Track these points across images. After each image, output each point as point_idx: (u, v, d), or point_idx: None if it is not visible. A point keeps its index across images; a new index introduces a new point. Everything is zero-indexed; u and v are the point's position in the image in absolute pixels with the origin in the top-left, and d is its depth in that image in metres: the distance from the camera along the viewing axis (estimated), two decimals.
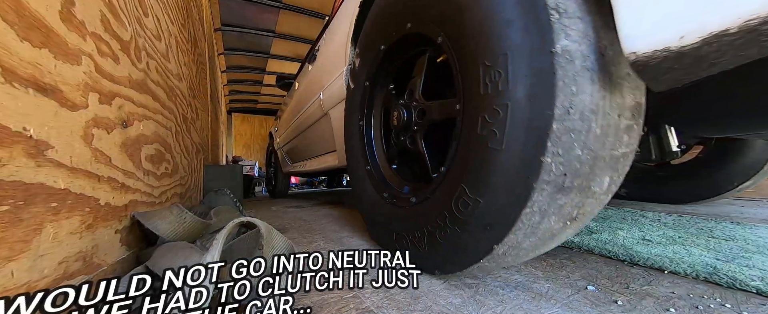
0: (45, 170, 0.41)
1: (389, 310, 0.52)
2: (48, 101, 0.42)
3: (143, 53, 0.82)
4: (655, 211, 1.21)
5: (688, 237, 0.85)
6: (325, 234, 1.20)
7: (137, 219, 0.68)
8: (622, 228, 0.97)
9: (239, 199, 1.74)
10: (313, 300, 0.57)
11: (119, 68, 0.65)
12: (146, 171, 0.80)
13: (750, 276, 0.56)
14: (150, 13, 0.90)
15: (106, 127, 0.58)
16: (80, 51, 0.50)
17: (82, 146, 0.50)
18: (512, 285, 0.61)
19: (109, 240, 0.57)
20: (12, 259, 0.35)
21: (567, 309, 0.50)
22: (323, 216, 1.70)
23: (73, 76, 0.48)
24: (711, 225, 0.96)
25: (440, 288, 0.60)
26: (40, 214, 0.39)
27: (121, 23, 0.67)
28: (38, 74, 0.40)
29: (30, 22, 0.39)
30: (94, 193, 0.53)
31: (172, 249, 0.60)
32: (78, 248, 0.47)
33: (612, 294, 0.55)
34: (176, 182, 1.13)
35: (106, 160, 0.57)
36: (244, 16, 3.54)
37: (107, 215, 0.57)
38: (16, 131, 0.36)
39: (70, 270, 0.45)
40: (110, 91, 0.60)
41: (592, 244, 0.80)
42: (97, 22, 0.57)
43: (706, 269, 0.61)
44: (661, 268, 0.64)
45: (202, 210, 1.02)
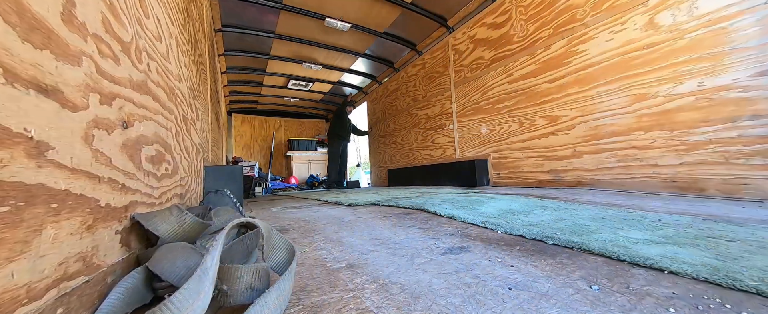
0: (45, 171, 0.41)
1: (389, 310, 0.52)
2: (49, 102, 0.42)
3: (144, 54, 0.82)
4: (656, 211, 1.21)
5: (689, 237, 0.85)
6: (325, 234, 1.20)
7: (137, 220, 0.68)
8: (623, 228, 0.97)
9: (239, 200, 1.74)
10: (313, 300, 0.57)
11: (120, 69, 0.65)
12: (146, 171, 0.80)
13: (750, 276, 0.56)
14: (151, 14, 0.91)
15: (106, 128, 0.58)
16: (81, 52, 0.50)
17: (83, 147, 0.50)
18: (512, 284, 0.61)
19: (109, 241, 0.57)
20: (12, 260, 0.35)
21: (567, 309, 0.50)
22: (323, 216, 1.70)
23: (73, 77, 0.48)
24: (711, 225, 0.96)
25: (440, 288, 0.60)
26: (41, 215, 0.40)
27: (121, 24, 0.68)
28: (39, 75, 0.40)
29: (31, 24, 0.39)
30: (95, 194, 0.53)
31: (173, 251, 0.60)
32: (78, 249, 0.47)
33: (612, 294, 0.55)
34: (176, 183, 1.13)
35: (106, 161, 0.57)
36: (245, 17, 3.55)
37: (107, 216, 0.57)
38: (17, 132, 0.36)
39: (70, 271, 0.45)
40: (111, 91, 0.60)
41: (592, 244, 0.80)
42: (98, 23, 0.57)
43: (706, 269, 0.60)
44: (661, 268, 0.64)
45: (202, 211, 1.02)
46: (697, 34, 1.70)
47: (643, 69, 1.94)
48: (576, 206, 1.41)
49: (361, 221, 1.45)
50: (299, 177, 7.42)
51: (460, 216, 1.31)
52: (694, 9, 1.72)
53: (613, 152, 2.11)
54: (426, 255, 0.83)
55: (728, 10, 1.59)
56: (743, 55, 1.53)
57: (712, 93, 1.65)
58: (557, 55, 2.49)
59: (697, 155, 1.71)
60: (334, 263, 0.81)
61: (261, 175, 6.07)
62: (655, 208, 1.30)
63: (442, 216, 1.40)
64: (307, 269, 0.77)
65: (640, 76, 1.96)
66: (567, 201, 1.58)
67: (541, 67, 2.62)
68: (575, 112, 2.36)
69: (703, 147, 1.69)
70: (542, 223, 1.11)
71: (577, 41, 2.34)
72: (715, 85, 1.63)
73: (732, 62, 1.57)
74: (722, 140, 1.61)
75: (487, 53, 3.21)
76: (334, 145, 5.26)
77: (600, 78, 2.19)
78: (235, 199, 1.44)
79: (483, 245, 0.91)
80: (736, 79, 1.56)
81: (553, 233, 0.95)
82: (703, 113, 1.68)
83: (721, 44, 1.61)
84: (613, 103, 2.11)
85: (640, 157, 1.97)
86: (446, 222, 1.27)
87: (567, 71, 2.41)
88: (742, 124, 1.54)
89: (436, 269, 0.72)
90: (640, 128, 1.97)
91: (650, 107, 1.91)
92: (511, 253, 0.82)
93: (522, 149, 2.83)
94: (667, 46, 1.83)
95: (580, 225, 1.04)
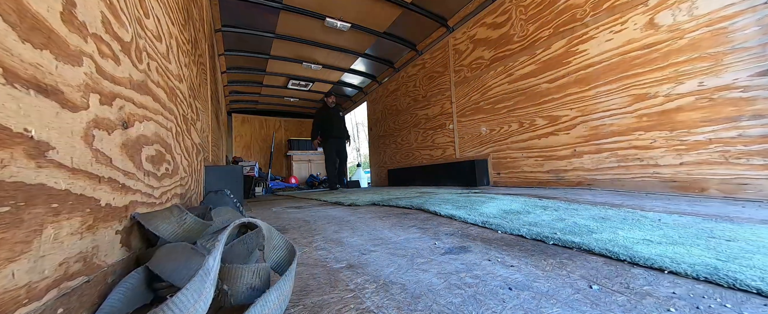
0: (46, 171, 0.41)
1: (389, 310, 0.52)
2: (49, 102, 0.42)
3: (144, 54, 0.82)
4: (656, 211, 1.21)
5: (689, 237, 0.85)
6: (325, 234, 1.20)
7: (138, 220, 0.68)
8: (623, 228, 0.97)
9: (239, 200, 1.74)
10: (313, 300, 0.58)
11: (120, 69, 0.65)
12: (147, 171, 0.80)
13: (751, 276, 0.56)
14: (151, 14, 0.91)
15: (106, 128, 0.58)
16: (81, 52, 0.50)
17: (83, 147, 0.50)
18: (512, 284, 0.61)
19: (109, 241, 0.57)
20: (13, 260, 0.35)
21: (567, 309, 0.50)
22: (323, 216, 1.70)
23: (74, 77, 0.48)
24: (711, 225, 0.96)
25: (441, 288, 0.60)
26: (41, 215, 0.40)
27: (121, 24, 0.68)
28: (39, 75, 0.40)
29: (31, 24, 0.39)
30: (95, 194, 0.53)
31: (173, 251, 0.60)
32: (78, 249, 0.47)
33: (612, 293, 0.55)
34: (176, 183, 1.13)
35: (106, 161, 0.57)
36: (245, 17, 3.55)
37: (108, 216, 0.57)
38: (17, 132, 0.36)
39: (71, 270, 0.45)
40: (111, 91, 0.60)
41: (592, 244, 0.80)
42: (98, 23, 0.57)
43: (706, 269, 0.60)
44: (662, 268, 0.64)
45: (202, 211, 1.02)
46: (697, 34, 1.70)
47: (643, 69, 1.94)
48: (576, 206, 1.41)
49: (361, 221, 1.45)
50: (299, 177, 7.43)
51: (460, 216, 1.31)
52: (694, 9, 1.72)
53: (613, 152, 2.11)
54: (426, 255, 0.83)
55: (728, 10, 1.59)
56: (743, 55, 1.53)
57: (712, 93, 1.65)
58: (557, 55, 2.49)
59: (697, 155, 1.71)
60: (334, 263, 0.81)
61: (261, 175, 6.07)
62: (655, 208, 1.30)
63: (442, 216, 1.40)
64: (307, 269, 0.77)
65: (640, 76, 1.96)
66: (567, 201, 1.58)
67: (541, 67, 2.62)
68: (575, 112, 2.36)
69: (703, 147, 1.69)
70: (542, 223, 1.11)
71: (577, 41, 2.34)
72: (715, 85, 1.63)
73: (732, 62, 1.57)
74: (722, 140, 1.62)
75: (487, 53, 3.21)
76: (323, 144, 5.20)
77: (600, 78, 2.19)
78: (235, 199, 1.44)
79: (483, 245, 0.91)
80: (736, 78, 1.56)
81: (553, 233, 0.95)
82: (704, 113, 1.68)
83: (721, 44, 1.61)
84: (613, 102, 2.11)
85: (640, 157, 1.97)
86: (446, 222, 1.27)
87: (567, 71, 2.41)
88: (742, 124, 1.54)
89: (437, 269, 0.72)
90: (640, 128, 1.97)
91: (650, 107, 1.91)
92: (511, 253, 0.82)
93: (522, 149, 2.83)
94: (667, 45, 1.83)
95: (581, 225, 1.04)
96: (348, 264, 0.80)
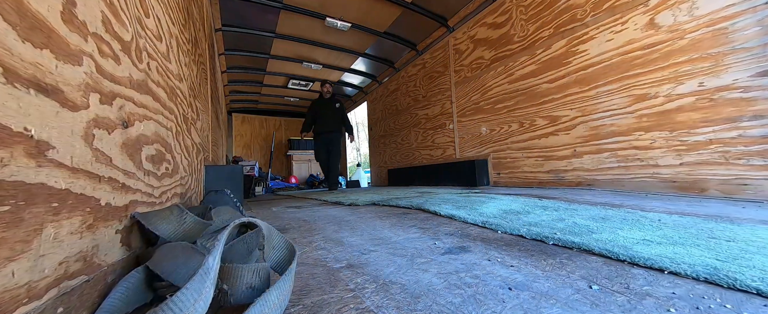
0: (46, 170, 0.41)
1: (389, 310, 0.52)
2: (49, 102, 0.42)
3: (144, 54, 0.82)
4: (655, 212, 1.21)
5: (689, 237, 0.85)
6: (325, 234, 1.20)
7: (137, 220, 0.68)
8: (622, 228, 0.97)
9: (239, 200, 1.74)
10: (313, 299, 0.58)
11: (120, 68, 0.65)
12: (147, 171, 0.80)
13: (751, 276, 0.56)
14: (151, 14, 0.91)
15: (107, 128, 0.58)
16: (81, 51, 0.50)
17: (83, 146, 0.50)
18: (512, 284, 0.61)
19: (109, 241, 0.57)
20: (13, 259, 0.35)
21: (567, 309, 0.50)
22: (323, 216, 1.70)
23: (74, 77, 0.48)
24: (711, 226, 0.96)
25: (440, 288, 0.60)
26: (41, 214, 0.40)
27: (122, 24, 0.68)
28: (39, 75, 0.40)
29: (31, 23, 0.39)
30: (95, 193, 0.53)
31: (173, 250, 0.60)
32: (78, 248, 0.47)
33: (612, 294, 0.55)
34: (176, 182, 1.13)
35: (106, 161, 0.57)
36: (245, 17, 3.55)
37: (108, 215, 0.57)
38: (17, 131, 0.36)
39: (71, 270, 0.45)
40: (111, 91, 0.60)
41: (592, 244, 0.80)
42: (99, 22, 0.57)
43: (706, 269, 0.60)
44: (661, 268, 0.64)
45: (202, 210, 1.02)
46: (698, 35, 1.70)
47: (644, 69, 1.94)
48: (576, 206, 1.41)
49: (361, 221, 1.45)
50: (299, 177, 7.42)
51: (460, 216, 1.31)
52: (694, 9, 1.72)
53: (613, 152, 2.11)
54: (426, 255, 0.83)
55: (728, 11, 1.59)
56: (744, 56, 1.53)
57: (712, 93, 1.65)
58: (557, 55, 2.49)
59: (697, 155, 1.71)
60: (334, 263, 0.81)
61: (261, 175, 6.07)
62: (655, 208, 1.30)
63: (442, 216, 1.40)
64: (307, 269, 0.77)
65: (640, 76, 1.96)
66: (567, 201, 1.58)
67: (542, 67, 2.62)
68: (575, 112, 2.36)
69: (704, 147, 1.69)
70: (542, 223, 1.11)
71: (577, 41, 2.34)
72: (716, 86, 1.63)
73: (732, 62, 1.57)
74: (722, 140, 1.61)
75: (487, 53, 3.21)
76: (314, 138, 4.78)
77: (600, 78, 2.18)
78: (235, 199, 1.44)
79: (483, 245, 0.91)
80: (737, 79, 1.56)
81: (553, 233, 0.95)
82: (704, 113, 1.68)
83: (722, 44, 1.61)
84: (614, 103, 2.11)
85: (640, 157, 1.97)
86: (446, 222, 1.27)
87: (567, 71, 2.41)
88: (743, 125, 1.54)
89: (437, 269, 0.72)
90: (640, 128, 1.97)
91: (650, 107, 1.91)
92: (511, 253, 0.82)
93: (522, 149, 2.83)
94: (667, 46, 1.83)
95: (580, 225, 1.04)
96: (348, 263, 0.80)
